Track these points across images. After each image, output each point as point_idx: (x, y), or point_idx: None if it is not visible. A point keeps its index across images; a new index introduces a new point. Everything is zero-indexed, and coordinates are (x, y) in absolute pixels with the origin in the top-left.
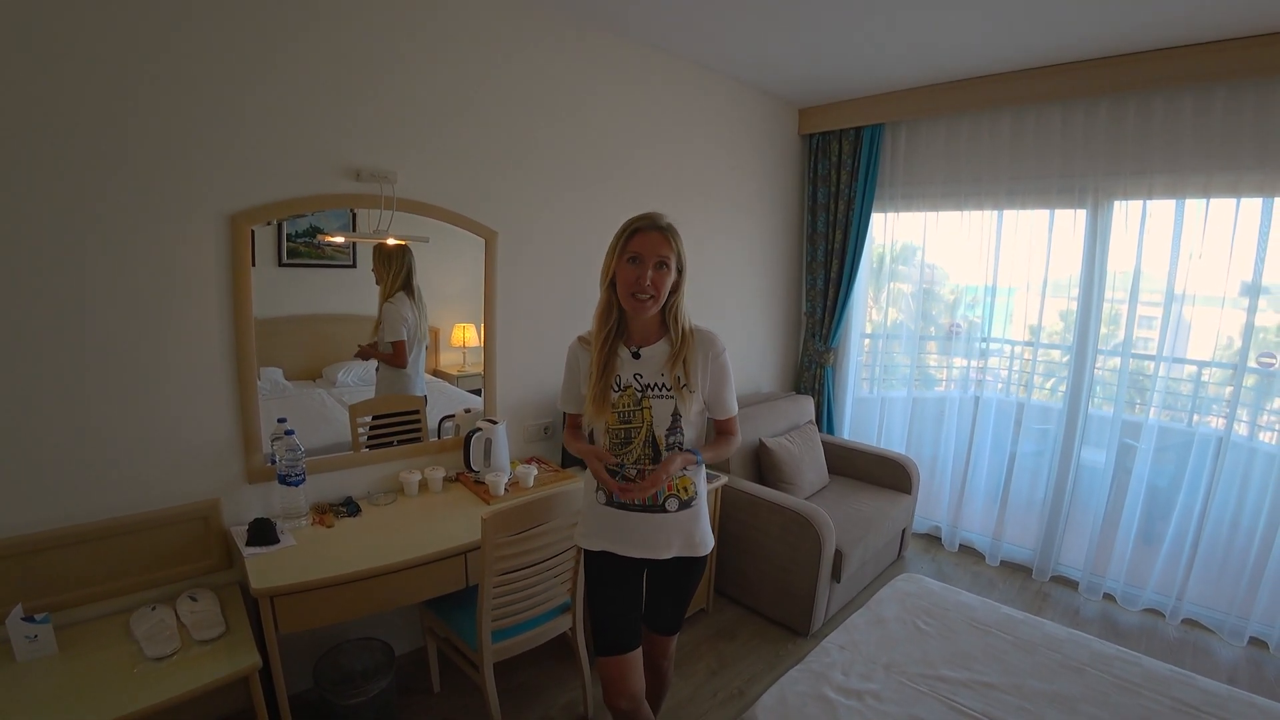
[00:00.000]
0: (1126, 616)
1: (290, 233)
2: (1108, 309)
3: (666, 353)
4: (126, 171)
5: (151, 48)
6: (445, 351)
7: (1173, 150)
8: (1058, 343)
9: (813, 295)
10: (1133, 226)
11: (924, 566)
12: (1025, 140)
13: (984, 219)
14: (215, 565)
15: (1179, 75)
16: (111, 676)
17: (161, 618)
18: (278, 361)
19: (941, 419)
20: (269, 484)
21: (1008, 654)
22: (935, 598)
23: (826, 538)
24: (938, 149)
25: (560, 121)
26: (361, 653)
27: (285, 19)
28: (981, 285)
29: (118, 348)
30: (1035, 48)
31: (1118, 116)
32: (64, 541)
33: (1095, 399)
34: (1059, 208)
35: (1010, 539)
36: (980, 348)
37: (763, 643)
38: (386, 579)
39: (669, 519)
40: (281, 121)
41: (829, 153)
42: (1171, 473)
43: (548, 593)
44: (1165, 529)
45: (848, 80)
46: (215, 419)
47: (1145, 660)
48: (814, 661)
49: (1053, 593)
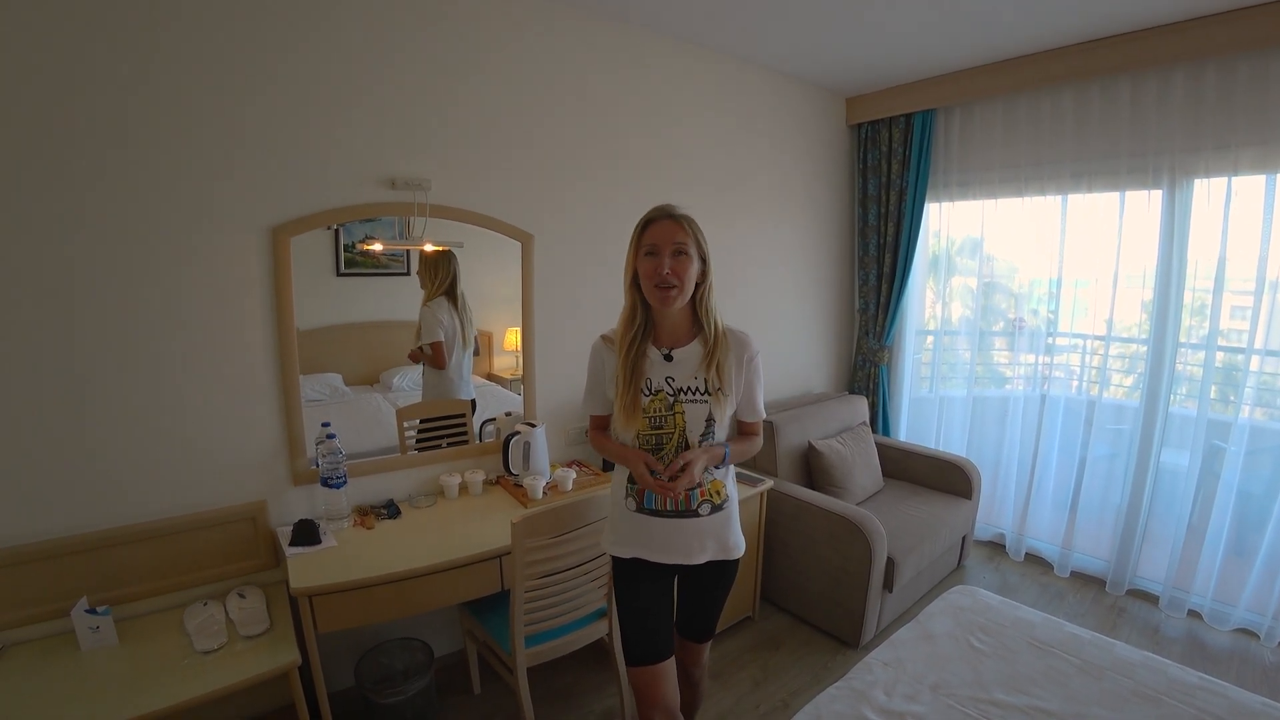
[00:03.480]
0: (1215, 636)
1: (346, 243)
2: (1190, 298)
3: (699, 354)
4: (176, 189)
5: (199, 64)
6: (499, 355)
7: (1261, 119)
8: (1133, 336)
9: (865, 291)
10: (1216, 206)
11: (986, 576)
12: (1090, 117)
13: (1047, 205)
14: (263, 564)
15: (1264, 37)
16: (162, 668)
17: (212, 613)
18: (337, 368)
19: (1005, 419)
20: (313, 486)
21: (1071, 678)
22: (992, 613)
23: (878, 545)
24: (994, 132)
25: (596, 122)
26: (402, 652)
27: (317, 34)
28: (1047, 277)
29: (171, 359)
30: (1100, 15)
31: (1195, 86)
32: (124, 539)
33: (1177, 397)
34: (1130, 189)
35: (1081, 548)
36: (1048, 343)
37: (810, 653)
38: (421, 581)
39: (701, 523)
40: (317, 134)
41: (878, 142)
42: (1268, 478)
43: (583, 598)
44: (1260, 540)
45: (895, 65)
46: (262, 424)
47: (1233, 691)
48: (855, 679)
49: (1129, 607)
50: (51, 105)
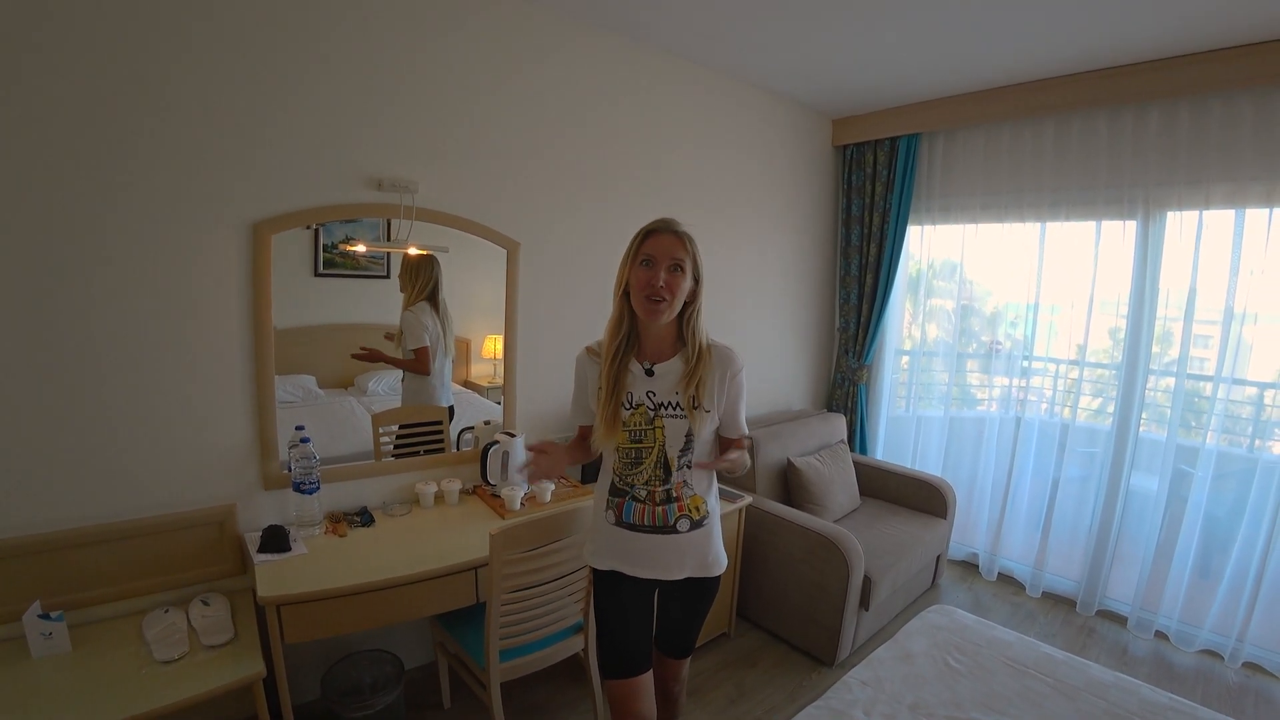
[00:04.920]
0: (1181, 657)
1: (326, 244)
2: (1160, 326)
3: (680, 370)
4: (151, 177)
5: (175, 53)
6: (476, 363)
7: (1232, 157)
8: (1105, 361)
9: (846, 311)
10: (1188, 239)
11: (959, 595)
12: (1069, 149)
13: (1026, 231)
14: (229, 570)
15: (1237, 77)
16: (119, 678)
17: (173, 621)
18: (311, 369)
19: (980, 440)
20: (284, 491)
21: (1046, 699)
22: (968, 632)
23: (855, 563)
24: (976, 159)
25: (585, 132)
26: (371, 665)
27: (309, 27)
28: (1024, 301)
29: (139, 352)
30: (1078, 52)
31: (1170, 122)
32: (82, 541)
33: (1146, 422)
34: (1107, 219)
35: (1053, 569)
36: (1022, 366)
37: (785, 671)
38: (393, 592)
39: (680, 539)
40: (304, 130)
41: (863, 164)
42: (1231, 502)
43: (559, 612)
44: (1225, 563)
45: (882, 90)
46: (233, 425)
47: (1202, 712)
48: (834, 698)
49: (1099, 628)
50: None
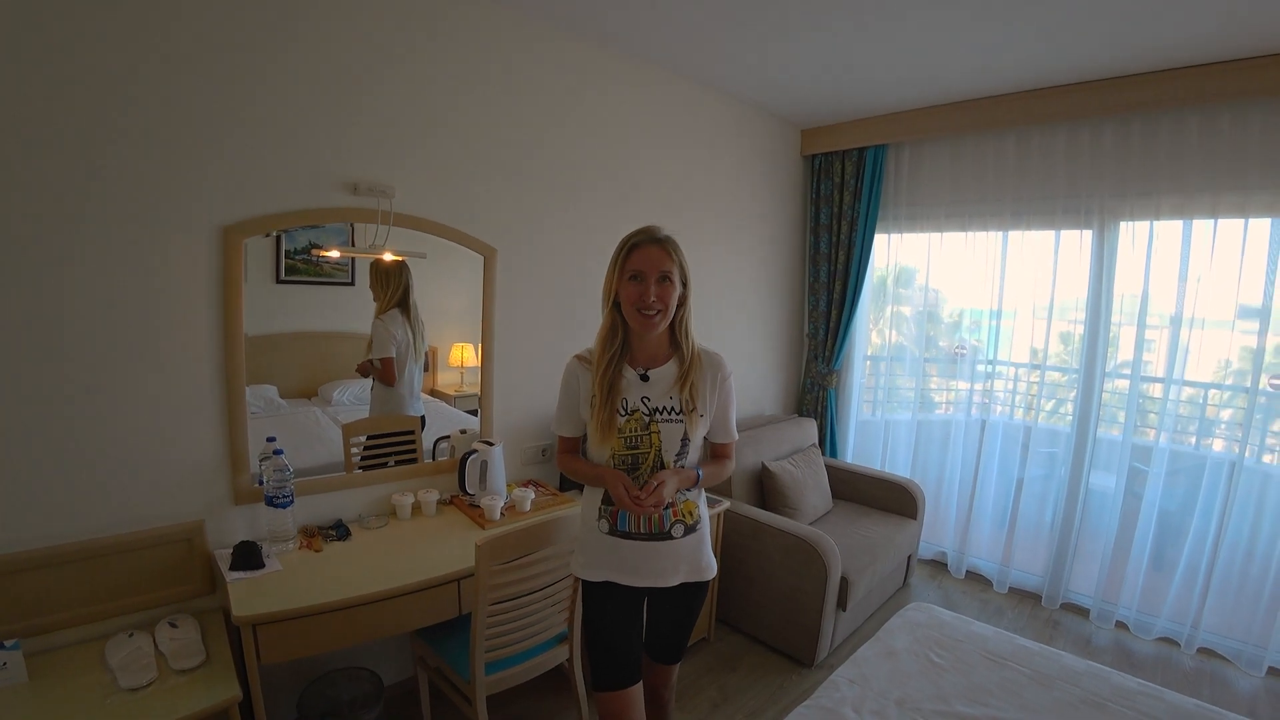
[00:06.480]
0: (1140, 645)
1: (289, 249)
2: (1115, 331)
3: (674, 374)
4: (115, 179)
5: (141, 51)
6: (443, 371)
7: (1179, 170)
8: (1065, 365)
9: (815, 317)
10: (1140, 248)
11: (930, 594)
12: (1030, 161)
13: (989, 240)
14: (198, 590)
15: (1185, 96)
16: (81, 709)
17: (139, 645)
18: (272, 379)
19: (947, 442)
20: (256, 505)
21: (1025, 688)
22: (948, 628)
23: (832, 564)
24: (942, 170)
25: (561, 138)
26: (349, 683)
27: (280, 27)
28: (986, 308)
29: (101, 360)
30: (1039, 68)
31: (1123, 137)
32: (39, 563)
33: (1104, 423)
34: (1065, 229)
35: (1019, 565)
36: (984, 370)
37: (766, 674)
38: (374, 607)
39: (675, 545)
40: (276, 131)
41: (832, 173)
42: (1183, 497)
43: (545, 622)
44: (1178, 555)
45: (850, 101)
46: (202, 437)
47: (1169, 694)
48: (823, 697)
49: (1063, 620)
50: None
